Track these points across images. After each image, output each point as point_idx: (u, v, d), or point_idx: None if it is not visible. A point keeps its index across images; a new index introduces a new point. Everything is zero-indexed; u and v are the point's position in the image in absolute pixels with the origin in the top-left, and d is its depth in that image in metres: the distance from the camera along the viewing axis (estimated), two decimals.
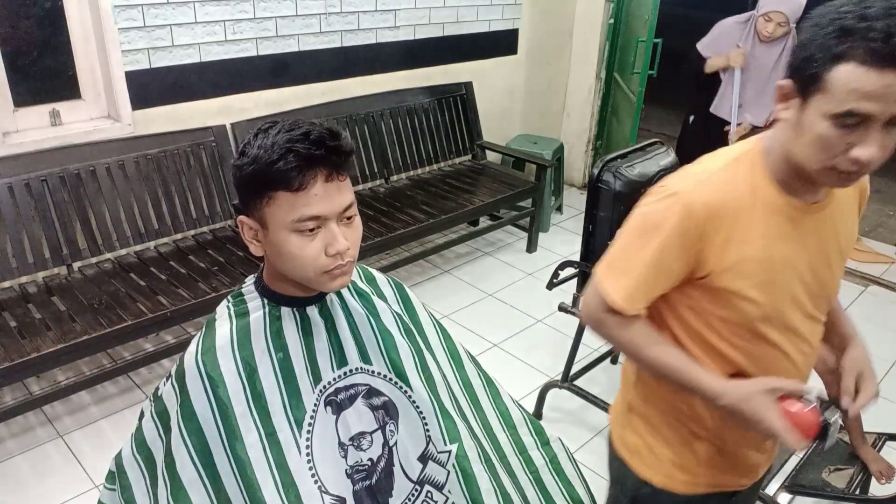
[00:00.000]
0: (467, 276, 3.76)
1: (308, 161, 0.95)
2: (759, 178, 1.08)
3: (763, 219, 1.07)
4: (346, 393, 1.10)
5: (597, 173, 2.33)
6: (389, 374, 1.13)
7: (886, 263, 4.01)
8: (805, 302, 1.13)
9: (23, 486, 2.29)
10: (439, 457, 1.13)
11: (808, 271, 1.11)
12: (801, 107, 0.98)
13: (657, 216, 1.09)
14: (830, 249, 1.14)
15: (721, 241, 1.07)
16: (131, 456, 1.10)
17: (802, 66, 0.96)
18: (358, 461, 1.09)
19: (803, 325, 1.15)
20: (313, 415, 1.07)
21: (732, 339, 1.14)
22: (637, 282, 1.11)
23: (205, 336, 1.07)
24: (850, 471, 2.09)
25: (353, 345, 1.12)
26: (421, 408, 1.14)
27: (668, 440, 1.25)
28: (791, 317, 1.12)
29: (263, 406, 1.04)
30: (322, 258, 0.99)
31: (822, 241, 1.12)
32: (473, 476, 1.15)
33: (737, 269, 1.07)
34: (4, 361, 2.21)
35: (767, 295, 1.09)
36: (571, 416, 2.74)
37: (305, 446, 1.05)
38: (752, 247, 1.07)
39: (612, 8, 4.48)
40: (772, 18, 3.08)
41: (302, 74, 3.42)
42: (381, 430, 1.12)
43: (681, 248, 1.08)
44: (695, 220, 1.06)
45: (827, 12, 0.94)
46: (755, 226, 1.07)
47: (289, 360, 1.07)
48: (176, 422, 1.04)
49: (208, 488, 1.02)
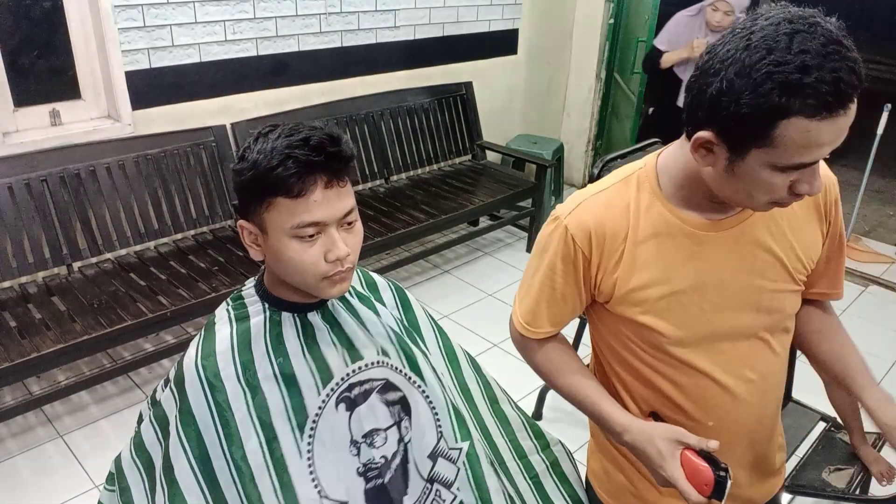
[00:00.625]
0: (467, 276, 3.76)
1: (308, 167, 0.94)
2: (649, 199, 1.04)
3: (655, 241, 1.03)
4: (361, 388, 1.09)
5: (597, 173, 2.33)
6: (404, 369, 1.13)
7: (886, 263, 4.01)
8: (736, 324, 1.06)
9: (23, 486, 2.29)
10: (450, 453, 1.13)
11: (730, 290, 1.04)
12: (731, 157, 0.90)
13: (544, 240, 1.11)
14: (760, 264, 1.05)
15: (609, 266, 1.05)
16: (130, 459, 1.10)
17: (734, 121, 0.86)
18: (371, 459, 1.08)
19: (740, 350, 1.08)
20: (316, 418, 1.06)
21: (658, 365, 1.09)
22: (535, 304, 1.13)
23: (204, 340, 1.06)
24: (850, 471, 2.09)
25: (367, 339, 1.11)
26: (434, 403, 1.14)
27: (624, 468, 1.22)
28: (718, 342, 1.06)
29: (264, 411, 1.03)
30: (322, 264, 0.98)
31: (745, 256, 1.04)
32: (483, 474, 1.14)
33: (632, 296, 1.04)
34: (4, 361, 2.21)
35: (672, 320, 1.04)
36: (571, 416, 2.74)
37: (307, 451, 1.04)
38: (644, 272, 1.03)
39: (612, 8, 4.48)
40: (718, 7, 3.24)
41: (302, 74, 3.42)
42: (397, 427, 1.11)
43: (566, 272, 1.08)
44: (573, 245, 1.05)
45: (753, 63, 0.83)
46: (645, 250, 1.03)
47: (289, 365, 1.06)
48: (175, 427, 1.03)
49: (206, 494, 1.01)
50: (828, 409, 2.29)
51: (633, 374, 1.13)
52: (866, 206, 4.83)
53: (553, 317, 1.14)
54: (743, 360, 1.09)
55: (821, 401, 2.28)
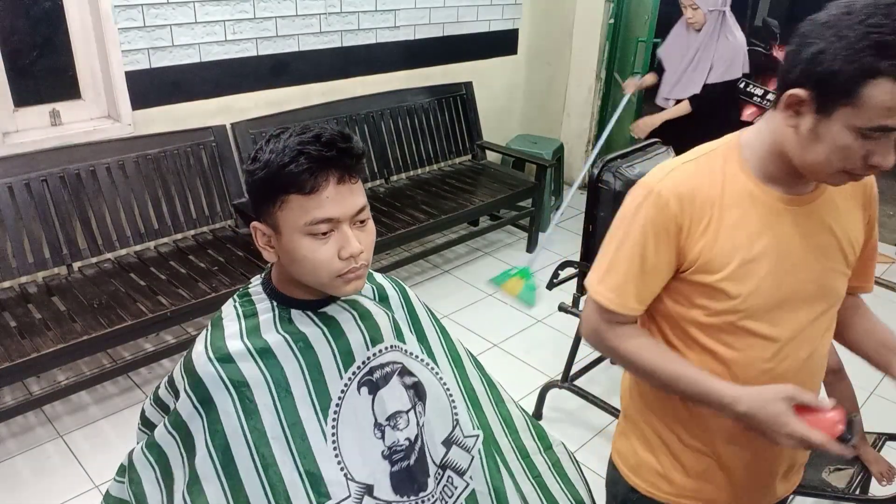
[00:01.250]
0: (467, 276, 3.76)
1: (319, 163, 0.95)
2: (735, 170, 1.07)
3: (739, 210, 1.06)
4: (382, 371, 1.09)
5: (597, 173, 2.33)
6: (422, 356, 1.13)
7: (886, 263, 4.01)
8: (795, 296, 1.09)
9: (23, 486, 2.29)
10: (465, 441, 1.13)
11: (801, 263, 1.09)
12: (817, 117, 0.95)
13: (632, 212, 1.10)
14: (824, 243, 1.11)
15: (697, 232, 1.06)
16: (141, 452, 1.09)
17: (826, 79, 0.92)
18: (395, 442, 1.08)
19: (801, 321, 1.11)
20: (339, 401, 1.05)
21: (717, 334, 1.11)
22: (624, 278, 1.11)
23: (213, 334, 1.06)
24: (850, 471, 2.09)
25: (387, 323, 1.12)
26: (451, 390, 1.14)
27: (655, 448, 1.23)
28: (779, 311, 1.09)
29: (287, 396, 1.03)
30: (336, 261, 0.99)
31: (813, 233, 1.09)
32: (497, 463, 1.14)
33: (714, 262, 1.06)
34: (4, 361, 2.21)
35: (749, 286, 1.06)
36: (571, 416, 2.74)
37: (331, 434, 1.04)
38: (729, 239, 1.06)
39: (612, 8, 4.48)
40: (686, 4, 3.31)
41: (302, 74, 3.42)
42: (413, 410, 1.11)
43: (658, 241, 1.08)
44: (666, 211, 1.06)
45: (851, 24, 0.89)
46: (730, 217, 1.06)
47: (311, 349, 1.05)
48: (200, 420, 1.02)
49: (223, 482, 1.00)
50: None
51: (687, 343, 1.14)
52: None
53: (640, 293, 1.11)
54: (803, 336, 1.12)
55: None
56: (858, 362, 1.28)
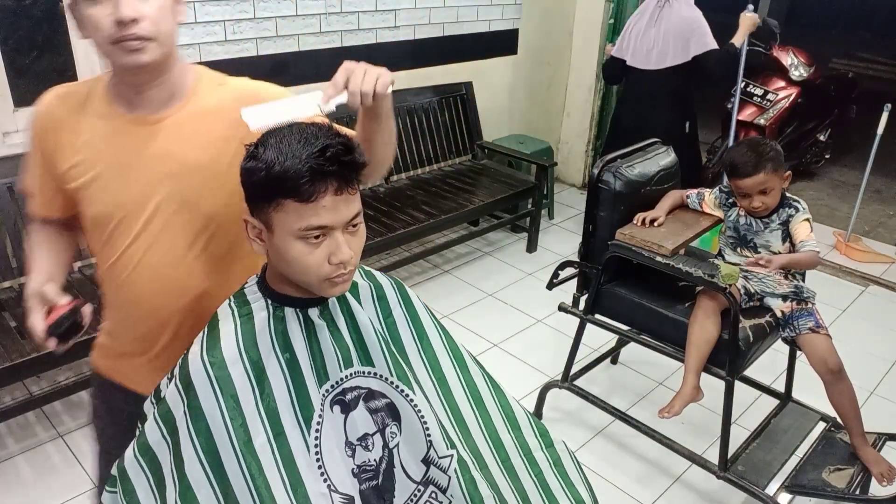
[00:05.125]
0: (467, 276, 3.76)
1: (321, 175, 0.96)
2: (98, 91, 1.22)
3: (89, 126, 1.19)
4: (353, 393, 1.11)
5: (597, 173, 2.33)
6: (391, 378, 1.13)
7: (886, 263, 4.01)
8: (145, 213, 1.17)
9: (23, 486, 2.29)
10: (441, 462, 1.13)
11: (131, 181, 1.17)
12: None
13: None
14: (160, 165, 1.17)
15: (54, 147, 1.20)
16: (133, 460, 1.09)
17: None
18: (365, 461, 1.09)
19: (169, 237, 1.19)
20: (321, 414, 1.07)
21: (94, 242, 1.26)
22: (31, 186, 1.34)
23: (208, 337, 1.07)
24: (850, 471, 2.09)
25: (355, 347, 1.13)
26: (422, 412, 1.14)
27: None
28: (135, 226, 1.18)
29: (272, 406, 1.04)
30: (325, 266, 1.01)
31: (147, 156, 1.17)
32: (475, 483, 1.14)
33: (69, 173, 1.20)
34: (4, 361, 2.21)
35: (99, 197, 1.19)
36: (571, 416, 2.74)
37: (314, 445, 1.05)
38: (76, 152, 1.19)
39: (612, 8, 4.48)
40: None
41: (302, 74, 3.42)
42: (381, 433, 1.12)
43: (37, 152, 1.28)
44: (36, 129, 1.25)
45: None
46: (80, 132, 1.19)
47: (296, 361, 1.07)
48: (184, 423, 1.03)
49: (216, 489, 1.01)
50: (828, 409, 2.30)
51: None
52: (866, 206, 4.83)
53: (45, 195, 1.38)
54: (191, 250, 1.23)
55: (821, 401, 2.29)
56: (858, 362, 1.28)
